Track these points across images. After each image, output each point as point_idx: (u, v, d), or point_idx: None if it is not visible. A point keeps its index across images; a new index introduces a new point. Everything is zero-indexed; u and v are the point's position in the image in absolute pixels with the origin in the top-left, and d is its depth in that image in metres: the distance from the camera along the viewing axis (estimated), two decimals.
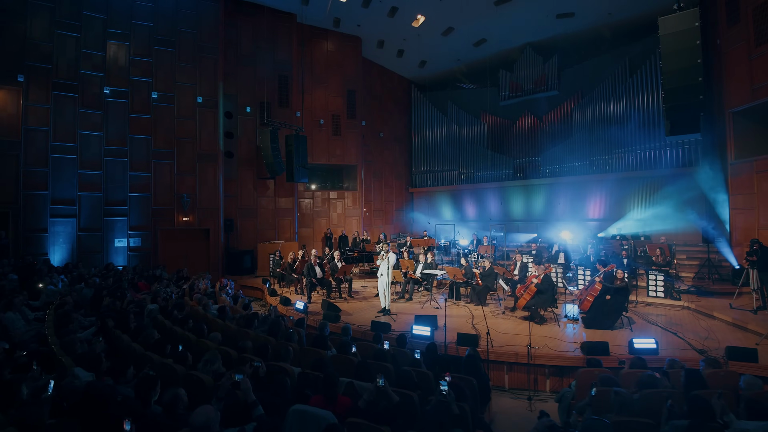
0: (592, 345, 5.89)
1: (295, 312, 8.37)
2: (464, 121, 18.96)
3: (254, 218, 15.36)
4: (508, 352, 6.04)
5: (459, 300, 9.49)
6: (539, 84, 17.02)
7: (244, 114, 15.03)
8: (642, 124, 14.23)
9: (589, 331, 7.14)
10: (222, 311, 6.45)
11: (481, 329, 7.05)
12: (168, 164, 13.43)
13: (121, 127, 12.91)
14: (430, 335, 6.34)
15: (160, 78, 13.39)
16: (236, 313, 7.06)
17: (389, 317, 7.90)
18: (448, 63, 18.97)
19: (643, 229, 13.58)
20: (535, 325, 7.43)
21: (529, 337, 5.92)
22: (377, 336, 5.40)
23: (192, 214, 13.66)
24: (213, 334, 4.87)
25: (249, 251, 14.62)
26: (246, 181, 15.22)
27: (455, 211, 18.80)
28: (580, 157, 15.85)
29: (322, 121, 16.46)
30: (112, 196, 12.75)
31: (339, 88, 16.96)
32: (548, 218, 16.45)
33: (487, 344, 5.94)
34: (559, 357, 5.92)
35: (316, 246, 16.36)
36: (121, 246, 12.97)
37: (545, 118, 17.20)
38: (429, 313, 8.40)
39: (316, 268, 9.61)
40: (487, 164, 18.15)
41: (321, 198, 16.97)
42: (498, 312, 8.47)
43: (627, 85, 14.79)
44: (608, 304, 7.20)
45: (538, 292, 7.40)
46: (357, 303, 9.38)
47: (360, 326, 7.26)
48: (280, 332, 5.29)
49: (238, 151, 15.01)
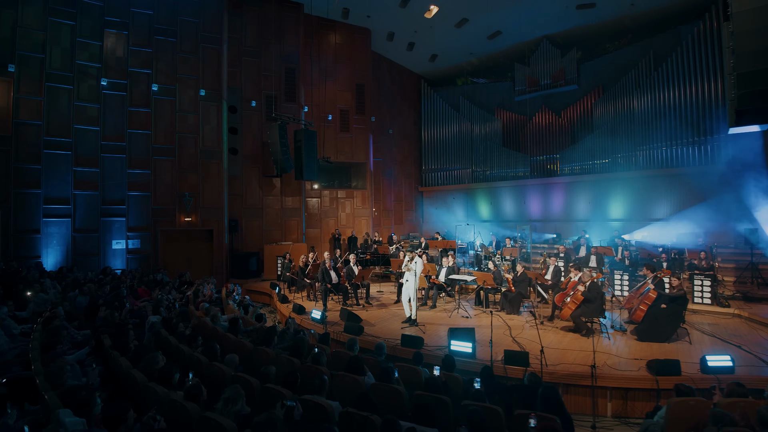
0: (661, 363, 5.14)
1: (311, 323, 7.60)
2: (477, 117, 18.21)
3: (260, 218, 14.59)
4: (565, 372, 5.28)
5: (487, 307, 8.72)
6: (557, 78, 16.28)
7: (249, 108, 14.25)
8: (669, 119, 13.53)
9: (643, 344, 6.38)
10: (234, 324, 5.67)
11: (524, 343, 6.31)
12: (169, 161, 12.64)
13: (119, 121, 12.12)
14: (472, 352, 5.58)
15: (161, 69, 12.60)
16: (248, 325, 6.28)
17: (417, 329, 7.13)
18: (461, 57, 18.21)
19: (669, 231, 12.88)
20: (580, 338, 6.69)
21: (593, 354, 5.14)
22: (417, 356, 4.64)
23: (194, 214, 12.87)
24: (229, 357, 4.10)
25: (255, 253, 13.85)
26: (251, 180, 14.44)
27: (468, 211, 18.05)
28: (602, 154, 15.11)
29: (330, 117, 15.69)
30: (110, 195, 11.96)
31: (347, 82, 16.19)
32: (568, 218, 15.74)
33: (541, 363, 5.18)
34: (625, 378, 5.17)
35: (324, 248, 15.59)
36: (119, 248, 12.17)
37: (564, 114, 16.45)
38: (457, 323, 7.65)
39: (331, 272, 8.84)
40: (501, 162, 17.40)
41: (329, 197, 16.19)
42: (534, 321, 7.70)
43: (652, 78, 14.08)
44: (664, 314, 6.45)
45: (586, 301, 6.64)
46: (376, 311, 8.61)
47: (387, 340, 6.48)
48: (305, 352, 4.52)
49: (243, 147, 14.23)
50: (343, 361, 4.51)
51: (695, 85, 13.06)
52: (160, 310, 6.44)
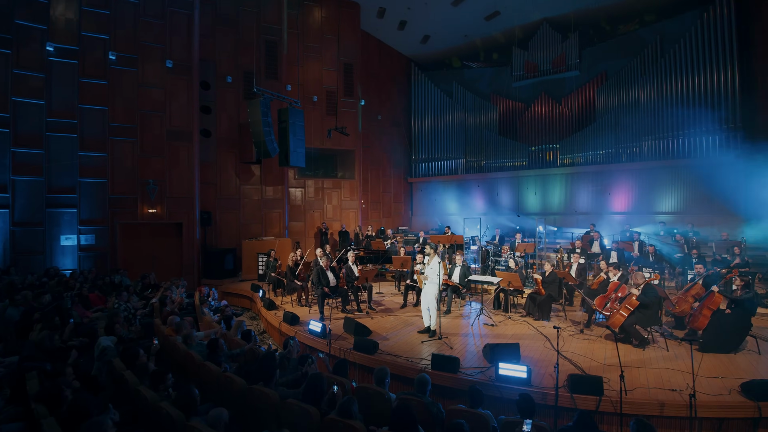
0: (760, 385, 4.13)
1: (308, 337, 6.23)
2: (472, 103, 17.11)
3: (237, 210, 12.98)
4: (649, 400, 4.19)
5: (507, 311, 7.62)
6: (558, 64, 15.36)
7: (224, 85, 12.56)
8: (675, 108, 12.85)
9: (709, 356, 5.40)
10: (214, 348, 4.25)
11: (575, 359, 5.20)
12: (129, 143, 10.86)
13: (68, 94, 10.27)
14: (527, 378, 4.40)
15: (120, 35, 10.77)
16: (234, 345, 4.87)
17: (441, 342, 5.91)
18: (455, 39, 17.02)
19: (674, 223, 12.25)
20: (633, 350, 5.67)
21: (693, 378, 4.06)
22: (475, 396, 3.40)
23: (160, 205, 11.16)
24: (214, 414, 2.72)
25: (231, 250, 12.25)
26: (226, 166, 12.79)
27: (461, 203, 16.98)
28: (605, 144, 14.34)
29: (315, 98, 14.18)
30: (57, 182, 10.13)
31: (335, 60, 14.70)
32: (567, 211, 14.93)
33: (620, 391, 4.07)
34: (719, 404, 4.13)
35: (309, 243, 14.15)
36: (69, 244, 10.37)
37: (565, 102, 15.58)
38: (483, 332, 6.50)
39: (328, 273, 7.48)
40: (497, 152, 16.41)
41: (314, 188, 14.70)
42: (569, 329, 6.64)
43: (659, 66, 13.34)
44: (730, 320, 5.50)
45: (641, 307, 5.61)
46: (383, 318, 7.33)
47: (411, 360, 5.23)
48: (324, 395, 3.21)
49: (217, 129, 12.55)
50: (379, 406, 3.23)
51: (704, 75, 12.43)
52: (115, 327, 4.92)
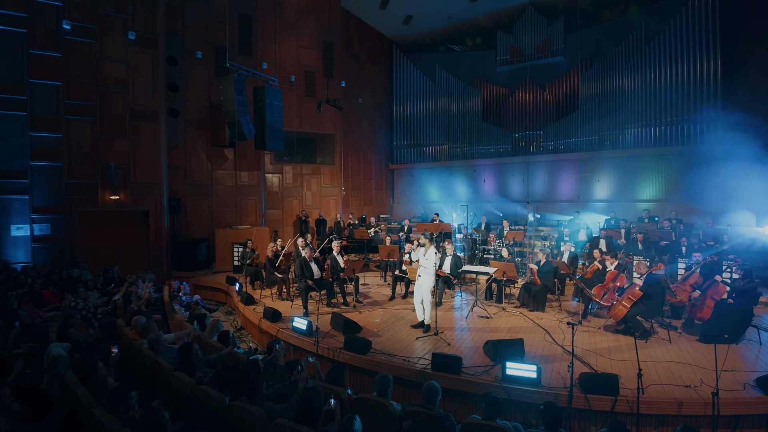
0: None
1: (292, 335, 5.71)
2: (455, 88, 16.65)
3: (209, 197, 12.16)
4: (666, 399, 3.93)
5: (500, 302, 7.31)
6: (543, 49, 15.08)
7: (193, 61, 11.61)
8: (659, 96, 12.82)
9: (710, 347, 5.21)
10: (186, 354, 3.68)
11: (580, 354, 4.91)
12: (88, 123, 9.87)
13: (15, 67, 9.20)
14: (537, 378, 4.05)
15: (75, 2, 9.72)
16: (209, 350, 4.30)
17: (438, 338, 5.52)
18: (438, 20, 16.43)
19: (655, 211, 12.31)
20: (636, 342, 5.43)
21: (716, 374, 3.81)
22: (492, 405, 3.00)
23: (123, 192, 10.26)
24: None
25: (203, 240, 11.48)
26: (197, 149, 11.91)
27: (443, 190, 16.63)
28: (588, 131, 14.22)
29: (293, 78, 13.38)
30: (5, 165, 9.14)
31: (313, 38, 13.89)
32: (550, 198, 14.82)
33: (638, 390, 3.78)
34: (738, 401, 3.92)
35: (287, 232, 13.50)
36: (20, 235, 9.39)
37: (549, 88, 15.35)
38: (479, 326, 6.15)
39: (312, 265, 6.94)
40: (481, 138, 16.08)
41: (292, 173, 13.98)
42: (566, 320, 6.38)
43: (643, 53, 13.23)
44: (732, 310, 5.35)
45: (645, 298, 5.37)
46: (372, 312, 6.87)
47: (408, 360, 4.81)
48: (321, 411, 2.73)
49: (187, 109, 11.63)
50: (382, 419, 2.77)
51: (687, 63, 12.41)
52: (69, 332, 4.25)
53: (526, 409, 4.12)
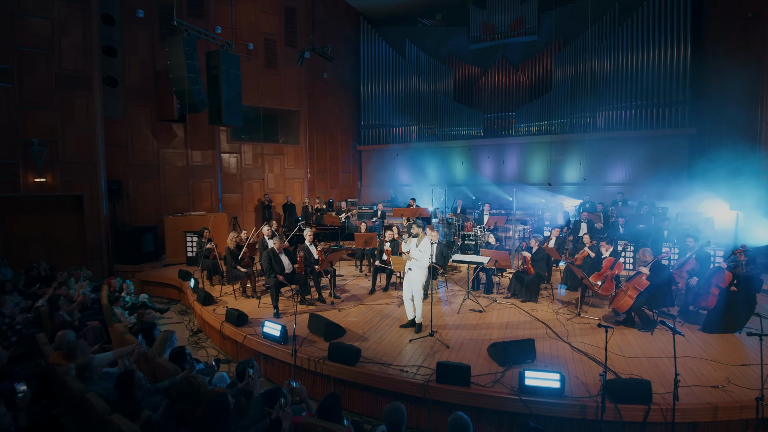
0: None
1: (262, 343, 4.84)
2: (426, 65, 15.86)
3: (156, 179, 10.76)
4: (699, 404, 3.49)
5: (489, 293, 6.80)
6: (516, 27, 14.57)
7: (134, 20, 10.02)
8: (630, 79, 12.76)
9: (714, 338, 4.97)
10: (126, 387, 2.77)
11: (589, 351, 4.42)
12: (3, 90, 8.23)
13: None
14: (560, 388, 3.49)
15: None
16: (162, 375, 3.36)
17: (434, 339, 4.86)
18: None
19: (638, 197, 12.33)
20: (641, 335, 5.06)
21: (761, 375, 3.39)
22: None
23: (50, 173, 8.74)
24: None
25: (150, 228, 10.14)
26: (140, 124, 10.43)
27: (413, 173, 15.98)
28: (560, 114, 14.01)
29: (251, 46, 12.03)
30: None
31: (275, 2, 12.54)
32: (523, 181, 14.57)
33: (674, 397, 3.30)
34: None
35: (248, 218, 12.36)
36: None
37: (522, 68, 14.93)
38: (473, 321, 5.57)
39: (282, 257, 6.04)
40: (452, 120, 15.48)
41: (252, 153, 12.73)
42: (562, 311, 5.95)
43: (616, 34, 13.06)
44: (736, 298, 5.09)
45: (652, 287, 4.98)
46: (353, 310, 6.10)
47: (404, 370, 4.11)
48: None
49: (126, 76, 10.09)
50: None
51: (658, 46, 12.39)
52: None
53: (546, 423, 3.57)
